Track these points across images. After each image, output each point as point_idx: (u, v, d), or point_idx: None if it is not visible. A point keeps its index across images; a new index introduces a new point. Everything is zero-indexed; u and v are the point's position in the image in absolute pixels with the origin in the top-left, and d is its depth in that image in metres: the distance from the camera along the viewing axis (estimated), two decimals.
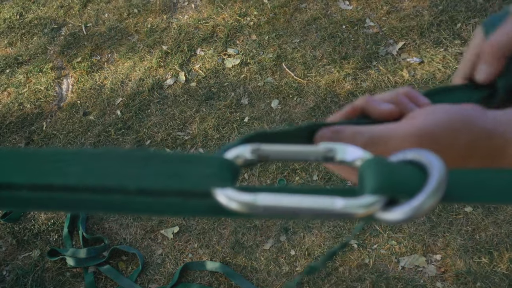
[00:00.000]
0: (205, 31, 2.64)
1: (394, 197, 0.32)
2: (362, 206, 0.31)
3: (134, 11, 2.83)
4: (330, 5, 2.66)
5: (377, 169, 0.33)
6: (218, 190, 0.32)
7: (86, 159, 0.33)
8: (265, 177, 2.06)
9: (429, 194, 0.31)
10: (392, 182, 0.32)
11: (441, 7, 2.48)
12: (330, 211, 0.32)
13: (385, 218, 0.32)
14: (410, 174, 0.33)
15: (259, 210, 0.32)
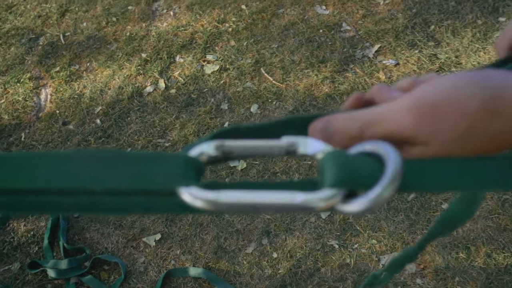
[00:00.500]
0: (184, 38, 2.66)
1: (352, 190, 0.34)
2: (321, 199, 0.33)
3: (113, 19, 2.83)
4: (307, 10, 2.69)
5: (335, 163, 0.34)
6: (182, 188, 0.33)
7: (52, 162, 0.33)
8: None
9: (385, 186, 0.33)
10: (350, 176, 0.33)
11: (415, 10, 2.53)
12: (290, 205, 0.33)
13: (345, 209, 0.33)
14: (367, 166, 0.34)
15: (222, 207, 0.33)
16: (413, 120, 0.36)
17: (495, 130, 0.35)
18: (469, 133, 0.35)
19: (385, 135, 0.37)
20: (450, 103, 0.35)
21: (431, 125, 0.35)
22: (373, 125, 0.38)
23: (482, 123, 0.35)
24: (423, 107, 0.36)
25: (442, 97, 0.36)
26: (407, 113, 0.36)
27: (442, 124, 0.35)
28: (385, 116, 0.37)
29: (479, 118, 0.35)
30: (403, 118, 0.36)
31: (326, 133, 0.40)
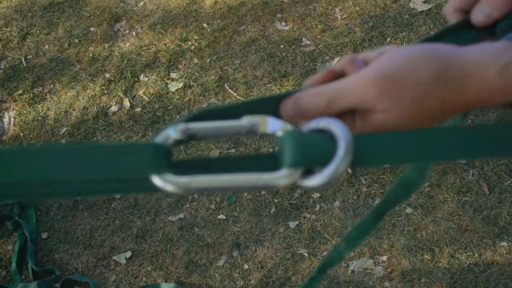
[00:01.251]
0: (147, 57, 2.68)
1: (308, 168, 0.37)
2: (282, 178, 0.37)
3: (75, 41, 2.83)
4: (267, 26, 2.76)
5: (292, 144, 0.37)
6: (154, 175, 0.36)
7: (30, 158, 0.35)
8: (215, 196, 2.10)
9: (338, 163, 0.36)
10: (306, 156, 0.37)
11: (371, 23, 2.63)
12: (255, 186, 0.37)
13: (305, 184, 0.37)
14: (321, 145, 0.37)
15: (193, 191, 0.36)
16: (374, 92, 0.40)
17: (445, 98, 0.40)
18: (424, 100, 0.40)
19: (351, 106, 0.41)
20: (407, 74, 0.40)
21: (391, 95, 0.40)
22: (339, 98, 0.41)
23: (435, 92, 0.40)
24: (383, 79, 0.40)
25: (400, 69, 0.40)
26: (369, 86, 0.40)
27: (401, 93, 0.39)
28: (349, 89, 0.41)
29: (432, 87, 0.40)
30: (365, 90, 0.40)
31: (296, 110, 0.43)
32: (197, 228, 2.02)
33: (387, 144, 0.38)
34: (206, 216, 2.04)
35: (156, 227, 2.04)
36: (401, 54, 0.41)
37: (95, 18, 2.94)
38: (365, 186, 2.07)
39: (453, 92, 0.40)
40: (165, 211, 2.07)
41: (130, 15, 2.93)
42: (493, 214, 1.96)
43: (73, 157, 0.36)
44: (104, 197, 2.14)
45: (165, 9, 2.93)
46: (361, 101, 0.41)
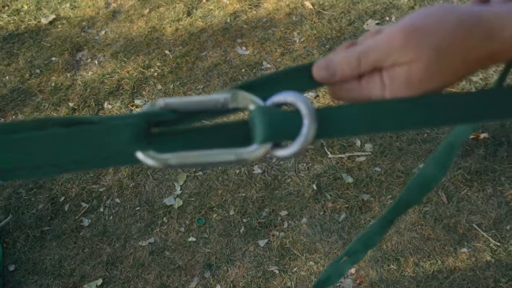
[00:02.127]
0: (110, 85, 2.70)
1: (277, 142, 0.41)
2: (253, 152, 0.40)
3: (36, 71, 2.83)
4: (228, 51, 2.83)
5: (262, 120, 0.40)
6: (137, 152, 0.39)
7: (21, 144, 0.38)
8: (184, 218, 2.12)
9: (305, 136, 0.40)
10: (274, 132, 0.40)
11: (328, 46, 2.74)
12: (229, 161, 0.40)
13: (277, 154, 0.41)
14: (289, 120, 0.41)
15: (172, 166, 0.40)
16: (400, 42, 0.42)
17: (468, 47, 0.42)
18: (447, 50, 0.42)
19: (378, 59, 0.43)
20: (430, 24, 0.42)
21: (415, 44, 0.42)
22: (368, 52, 0.44)
23: (458, 40, 0.42)
24: (408, 30, 0.42)
25: (423, 20, 0.42)
26: (394, 38, 0.42)
27: (424, 42, 0.42)
28: (376, 44, 0.43)
29: (455, 35, 0.42)
30: (391, 42, 0.42)
31: (330, 68, 0.45)
32: (168, 252, 2.03)
33: (348, 115, 0.42)
34: (176, 239, 2.06)
35: (126, 253, 2.04)
36: (424, 10, 0.43)
37: (56, 48, 2.95)
38: (331, 202, 2.13)
39: (476, 41, 0.42)
40: (135, 237, 2.08)
41: (91, 44, 2.96)
42: (452, 222, 2.05)
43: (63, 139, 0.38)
44: (72, 226, 2.12)
45: (127, 38, 2.97)
46: (388, 53, 0.43)
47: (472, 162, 2.16)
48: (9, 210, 2.20)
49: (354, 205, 2.11)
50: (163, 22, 3.05)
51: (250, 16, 3.04)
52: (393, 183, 2.15)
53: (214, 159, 0.40)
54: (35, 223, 2.14)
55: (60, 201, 2.22)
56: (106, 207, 2.18)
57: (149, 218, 2.13)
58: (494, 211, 2.04)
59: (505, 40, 0.42)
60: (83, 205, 2.19)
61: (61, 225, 2.13)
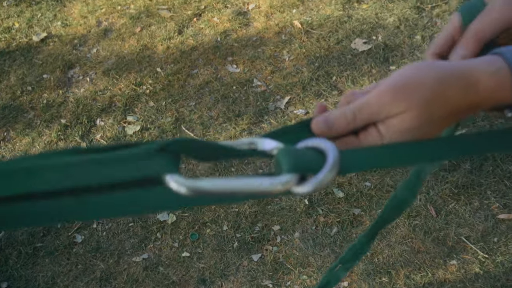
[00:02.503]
0: (103, 102, 2.73)
1: (303, 174, 0.43)
2: (282, 183, 0.42)
3: (28, 88, 2.84)
4: (219, 69, 2.88)
5: (290, 155, 0.43)
6: (168, 176, 0.40)
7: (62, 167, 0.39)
8: (178, 234, 2.14)
9: (328, 170, 0.43)
10: (301, 163, 0.43)
11: (317, 64, 2.80)
12: (259, 189, 0.41)
13: (299, 191, 0.42)
14: (313, 157, 0.44)
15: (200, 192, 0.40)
16: (389, 98, 0.48)
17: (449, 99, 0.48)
18: (431, 101, 0.47)
19: (372, 114, 0.49)
20: (414, 80, 0.48)
21: (403, 98, 0.48)
22: (362, 108, 0.49)
23: (439, 93, 0.47)
24: (395, 87, 0.48)
25: (407, 78, 0.48)
26: (384, 95, 0.48)
27: (411, 96, 0.47)
28: (369, 101, 0.49)
29: (437, 88, 0.47)
30: (381, 99, 0.48)
31: (327, 122, 0.51)
32: (162, 267, 2.04)
33: (364, 155, 0.46)
34: (170, 255, 2.07)
35: (120, 269, 2.05)
36: (407, 69, 0.49)
37: (47, 65, 2.97)
38: (322, 216, 2.17)
39: (455, 95, 0.47)
40: (129, 252, 2.08)
41: (83, 61, 2.98)
42: (441, 235, 2.09)
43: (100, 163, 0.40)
44: (65, 243, 2.12)
45: (119, 55, 3.00)
46: (380, 108, 0.48)
47: (459, 177, 2.21)
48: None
49: (345, 219, 2.15)
50: (154, 40, 3.10)
51: (240, 34, 3.09)
52: (383, 197, 2.20)
53: (247, 187, 0.41)
54: (27, 240, 2.14)
55: None
56: (99, 223, 2.19)
57: (142, 234, 2.14)
58: (482, 224, 2.10)
59: (480, 92, 0.48)
60: (76, 222, 2.20)
61: (54, 242, 2.13)
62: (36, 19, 3.45)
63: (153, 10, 3.33)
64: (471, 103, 0.48)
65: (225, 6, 3.37)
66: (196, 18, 3.28)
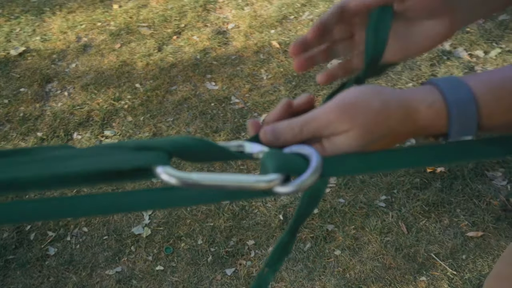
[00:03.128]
0: (80, 116, 2.73)
1: (288, 174, 0.45)
2: (266, 180, 0.44)
3: (4, 101, 2.83)
4: (198, 86, 2.91)
5: (275, 156, 0.46)
6: (158, 167, 0.43)
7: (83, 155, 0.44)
8: (152, 247, 2.14)
9: (310, 173, 0.45)
10: (285, 164, 0.46)
11: (294, 82, 2.86)
12: (245, 184, 0.43)
13: (283, 191, 0.45)
14: (298, 160, 0.47)
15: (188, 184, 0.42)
16: (336, 115, 0.50)
17: (391, 126, 0.51)
18: (375, 126, 0.50)
19: (318, 128, 0.51)
20: (361, 103, 0.50)
21: (349, 118, 0.50)
22: (309, 123, 0.51)
23: (383, 120, 0.50)
24: (343, 106, 0.50)
25: (355, 99, 0.51)
26: (332, 112, 0.51)
27: (356, 117, 0.50)
28: (316, 116, 0.51)
29: (380, 115, 0.50)
30: (329, 115, 0.51)
31: (274, 134, 0.53)
32: (135, 281, 2.04)
33: (345, 161, 0.50)
34: (144, 268, 2.07)
35: (93, 282, 2.03)
36: (355, 90, 0.52)
37: (25, 79, 2.97)
38: None
39: (396, 122, 0.50)
40: (102, 265, 2.08)
41: (61, 76, 2.99)
42: (412, 251, 2.14)
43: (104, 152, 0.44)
44: (38, 255, 2.11)
45: (98, 71, 3.02)
46: (327, 123, 0.51)
47: (430, 195, 2.27)
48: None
49: (319, 234, 2.18)
50: (134, 56, 3.13)
51: (220, 53, 3.15)
52: (356, 214, 2.24)
53: (230, 183, 0.43)
54: None
55: (26, 230, 2.20)
56: (73, 236, 2.17)
57: (116, 247, 2.13)
58: (451, 241, 2.15)
59: (419, 121, 0.51)
60: (50, 234, 2.18)
61: (26, 254, 2.11)
62: (15, 33, 3.46)
63: (133, 27, 3.37)
64: (410, 130, 0.52)
65: (205, 25, 3.43)
66: (176, 36, 3.33)
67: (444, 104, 0.50)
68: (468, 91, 0.50)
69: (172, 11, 3.61)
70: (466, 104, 0.50)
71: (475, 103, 0.50)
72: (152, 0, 3.79)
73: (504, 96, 0.50)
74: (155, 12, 3.62)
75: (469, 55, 2.94)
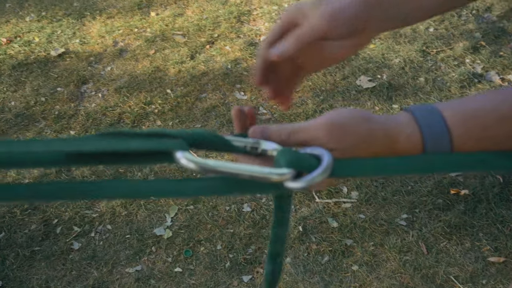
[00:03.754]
0: (112, 117, 2.82)
1: (299, 170, 0.47)
2: (278, 173, 0.46)
3: (42, 99, 2.94)
4: (227, 95, 2.97)
5: (288, 153, 0.49)
6: (177, 152, 0.46)
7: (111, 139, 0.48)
8: (172, 249, 2.18)
9: (321, 171, 0.47)
10: (298, 161, 0.48)
11: (322, 97, 2.89)
12: (258, 174, 0.45)
13: (293, 186, 0.47)
14: (310, 159, 0.49)
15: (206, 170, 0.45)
16: (325, 133, 0.53)
17: (376, 151, 0.54)
18: (358, 149, 0.54)
19: (305, 140, 0.54)
20: (350, 126, 0.54)
21: (337, 138, 0.54)
22: (297, 133, 0.54)
23: (368, 144, 0.54)
24: (333, 125, 0.53)
25: (345, 121, 0.54)
26: (322, 128, 0.53)
27: (344, 139, 0.53)
28: (306, 128, 0.54)
29: (366, 140, 0.54)
30: (318, 131, 0.53)
31: (263, 134, 0.56)
32: (154, 280, 2.08)
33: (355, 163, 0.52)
34: (163, 269, 2.11)
35: (112, 278, 2.09)
36: (347, 111, 0.56)
37: (62, 79, 3.08)
38: (315, 244, 2.21)
39: (378, 147, 0.54)
40: (123, 263, 2.13)
41: (97, 78, 3.09)
42: (431, 272, 2.12)
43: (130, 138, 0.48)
44: (62, 248, 2.17)
45: (131, 75, 3.11)
46: (314, 138, 0.53)
47: (452, 216, 2.26)
48: (2, 228, 2.25)
49: (337, 248, 2.19)
50: (167, 63, 3.21)
51: (250, 64, 3.20)
52: (376, 231, 2.24)
53: (244, 171, 0.45)
54: (26, 243, 2.19)
55: (53, 223, 2.27)
56: (97, 233, 2.24)
57: (138, 246, 2.18)
58: (471, 265, 2.12)
59: (398, 150, 0.55)
60: (75, 229, 2.25)
61: (51, 247, 2.18)
62: (56, 35, 3.59)
63: (168, 35, 3.46)
64: (387, 154, 0.55)
65: (238, 36, 3.49)
66: (209, 46, 3.40)
67: (420, 137, 0.54)
68: (443, 125, 0.54)
69: (206, 21, 3.70)
70: (440, 138, 0.54)
71: (449, 135, 0.54)
72: (188, 9, 3.88)
73: (475, 129, 0.54)
74: (190, 21, 3.71)
75: (501, 79, 2.92)
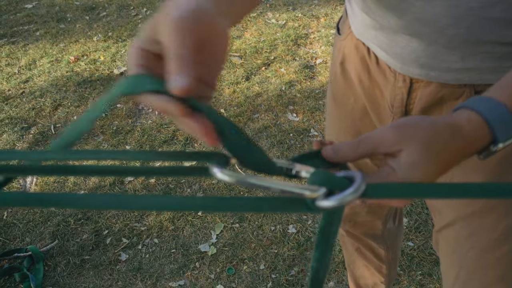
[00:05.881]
0: (166, 134, 2.90)
1: (331, 189, 0.48)
2: (310, 189, 0.47)
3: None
4: (279, 116, 2.99)
5: (321, 173, 0.49)
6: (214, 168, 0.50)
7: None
8: (215, 266, 2.20)
9: (353, 190, 0.47)
10: (330, 179, 0.49)
11: None
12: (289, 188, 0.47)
13: (324, 204, 0.47)
14: (343, 179, 0.50)
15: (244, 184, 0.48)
16: (391, 133, 0.55)
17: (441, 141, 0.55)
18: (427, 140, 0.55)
19: (373, 145, 0.56)
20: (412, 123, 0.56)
21: (403, 135, 0.55)
22: (366, 138, 0.56)
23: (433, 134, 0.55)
24: (398, 126, 0.56)
25: (406, 121, 0.56)
26: (388, 130, 0.56)
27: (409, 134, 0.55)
28: (374, 134, 0.56)
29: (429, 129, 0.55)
30: (384, 133, 0.56)
31: (334, 149, 0.58)
32: None
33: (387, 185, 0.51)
34: (205, 285, 2.13)
35: None
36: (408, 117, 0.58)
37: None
38: None
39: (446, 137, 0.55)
40: (167, 277, 2.16)
41: None
42: None
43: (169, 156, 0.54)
44: (111, 259, 2.24)
45: None
46: (381, 140, 0.55)
47: None
48: (56, 236, 2.36)
49: None
50: (222, 83, 3.28)
51: (304, 86, 3.21)
52: (425, 260, 2.16)
53: (276, 186, 0.47)
54: (77, 251, 2.28)
55: (103, 234, 2.35)
56: (144, 245, 2.29)
57: (182, 261, 2.22)
58: None
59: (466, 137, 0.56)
60: (124, 241, 2.32)
61: (100, 257, 2.25)
62: (120, 54, 3.76)
63: None
64: (460, 146, 0.56)
65: (293, 59, 3.52)
66: (265, 67, 3.45)
67: (478, 115, 0.56)
68: (491, 100, 0.56)
69: (264, 43, 3.76)
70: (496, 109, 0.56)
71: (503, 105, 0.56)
72: (246, 32, 3.96)
73: None
74: (248, 43, 3.79)
75: None
